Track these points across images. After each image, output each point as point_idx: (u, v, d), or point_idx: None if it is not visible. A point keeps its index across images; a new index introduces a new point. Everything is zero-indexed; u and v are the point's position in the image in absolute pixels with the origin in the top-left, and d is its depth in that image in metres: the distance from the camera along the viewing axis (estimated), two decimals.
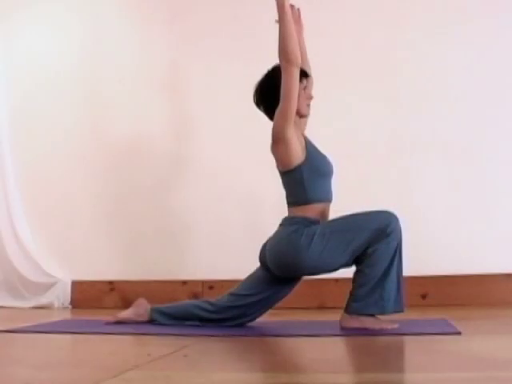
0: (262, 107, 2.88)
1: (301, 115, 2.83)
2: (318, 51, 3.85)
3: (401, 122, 3.82)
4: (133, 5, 4.24)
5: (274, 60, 2.76)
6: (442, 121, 3.79)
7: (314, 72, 3.04)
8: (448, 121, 3.79)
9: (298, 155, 2.74)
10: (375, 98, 3.85)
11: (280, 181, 2.85)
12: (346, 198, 3.35)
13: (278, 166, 2.82)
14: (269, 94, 2.81)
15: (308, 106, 2.87)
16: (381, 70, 3.85)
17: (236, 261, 3.74)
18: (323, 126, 3.74)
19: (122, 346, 2.51)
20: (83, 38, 4.23)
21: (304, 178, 2.73)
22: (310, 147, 2.80)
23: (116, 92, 4.15)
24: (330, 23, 3.90)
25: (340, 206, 2.77)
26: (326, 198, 2.80)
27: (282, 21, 2.69)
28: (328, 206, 2.81)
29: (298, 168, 2.74)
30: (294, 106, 2.70)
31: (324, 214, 2.78)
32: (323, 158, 2.84)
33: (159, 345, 2.43)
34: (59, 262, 4.11)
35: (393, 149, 3.82)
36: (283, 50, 2.68)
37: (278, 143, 2.74)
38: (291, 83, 2.68)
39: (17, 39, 4.29)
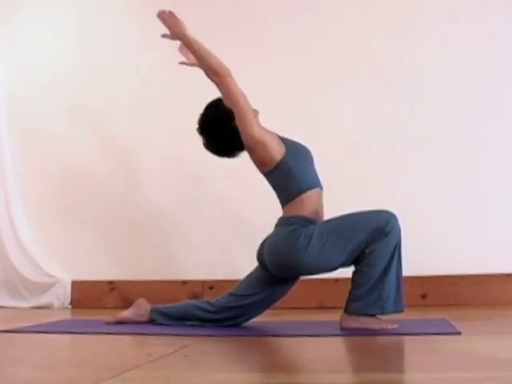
0: (229, 152, 2.91)
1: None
2: (318, 51, 3.88)
3: (401, 121, 3.82)
4: (133, 5, 4.24)
5: (274, 60, 2.76)
6: (442, 120, 3.79)
7: (314, 72, 3.05)
8: (448, 120, 3.79)
9: (278, 149, 2.76)
10: (375, 98, 3.85)
11: None
12: (346, 198, 3.36)
13: (262, 171, 2.83)
14: (222, 136, 2.86)
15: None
16: (380, 69, 3.85)
17: (236, 261, 3.74)
18: (323, 126, 3.75)
19: (122, 346, 2.51)
20: (83, 38, 4.24)
21: (292, 168, 2.74)
22: (283, 138, 2.82)
23: (116, 92, 4.15)
24: (330, 23, 3.91)
25: (339, 206, 2.77)
26: (317, 184, 2.80)
27: (191, 47, 2.78)
28: (321, 195, 2.80)
29: (283, 160, 2.75)
30: (246, 108, 2.73)
31: (318, 203, 2.77)
32: (298, 143, 2.86)
33: (159, 345, 2.42)
34: (59, 262, 4.11)
35: (392, 148, 3.81)
36: (209, 69, 2.75)
37: (255, 148, 2.76)
38: (232, 91, 2.73)
39: (17, 39, 4.29)
